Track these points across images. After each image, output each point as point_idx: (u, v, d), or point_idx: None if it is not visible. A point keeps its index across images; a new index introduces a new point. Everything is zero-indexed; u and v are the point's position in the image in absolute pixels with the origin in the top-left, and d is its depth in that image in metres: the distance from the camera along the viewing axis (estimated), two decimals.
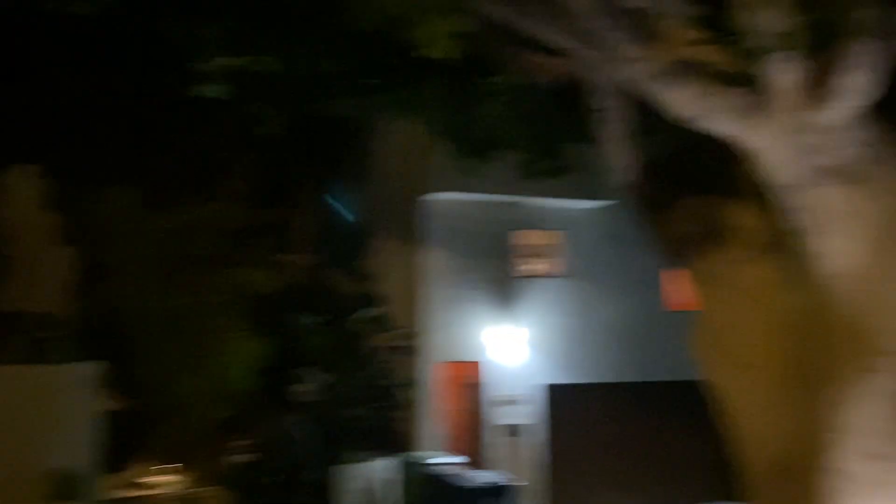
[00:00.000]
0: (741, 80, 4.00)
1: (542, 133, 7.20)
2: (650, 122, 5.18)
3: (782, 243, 4.35)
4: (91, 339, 9.77)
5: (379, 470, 11.02)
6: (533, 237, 13.69)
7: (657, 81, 4.12)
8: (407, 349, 12.87)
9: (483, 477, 11.14)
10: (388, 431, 12.14)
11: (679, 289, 12.62)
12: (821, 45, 3.78)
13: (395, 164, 13.82)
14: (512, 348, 12.63)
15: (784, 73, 3.80)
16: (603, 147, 5.42)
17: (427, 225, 13.11)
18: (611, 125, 5.20)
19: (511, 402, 12.57)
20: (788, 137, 3.91)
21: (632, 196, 5.54)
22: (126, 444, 10.42)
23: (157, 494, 10.08)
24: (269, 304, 11.45)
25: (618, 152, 5.30)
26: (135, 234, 10.79)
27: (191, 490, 10.09)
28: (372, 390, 12.40)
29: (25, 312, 9.44)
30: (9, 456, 7.57)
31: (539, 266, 13.72)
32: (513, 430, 12.56)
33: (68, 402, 8.40)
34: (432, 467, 11.05)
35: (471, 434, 13.04)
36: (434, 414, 12.71)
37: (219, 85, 6.49)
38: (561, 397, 12.86)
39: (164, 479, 10.24)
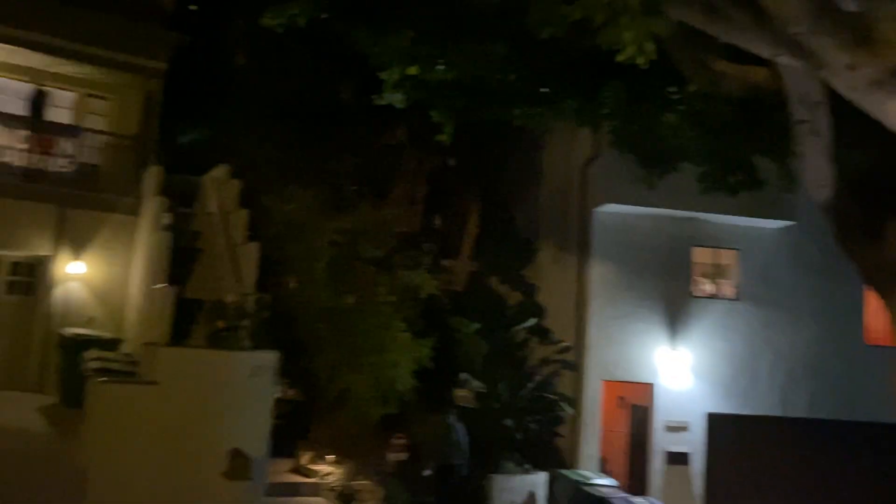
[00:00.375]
0: None
1: (725, 146, 6.81)
2: (852, 135, 4.74)
3: None
4: (268, 331, 10.42)
5: (533, 482, 10.91)
6: (706, 256, 13.03)
7: (876, 90, 3.72)
8: (569, 364, 12.65)
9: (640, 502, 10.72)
10: (545, 445, 11.99)
11: (878, 321, 11.49)
12: None
13: (566, 173, 13.65)
14: (679, 372, 12.08)
15: None
16: (799, 162, 5.01)
17: (596, 237, 12.84)
18: (810, 138, 4.79)
19: (678, 428, 12.01)
20: None
21: (828, 216, 5.07)
22: (293, 432, 11.06)
23: (319, 483, 10.55)
24: (431, 308, 11.70)
25: (815, 168, 4.87)
26: (312, 232, 11.41)
27: (350, 482, 10.47)
28: (530, 402, 12.30)
29: (213, 301, 10.22)
30: (195, 433, 8.22)
31: (710, 287, 13.04)
32: (677, 458, 11.99)
33: (248, 387, 8.99)
34: (588, 486, 10.77)
35: (631, 457, 12.60)
36: (593, 432, 12.40)
37: (399, 93, 6.72)
38: (721, 427, 12.13)
39: (326, 469, 10.70)
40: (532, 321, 13.06)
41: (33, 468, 8.08)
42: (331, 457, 10.84)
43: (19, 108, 13.39)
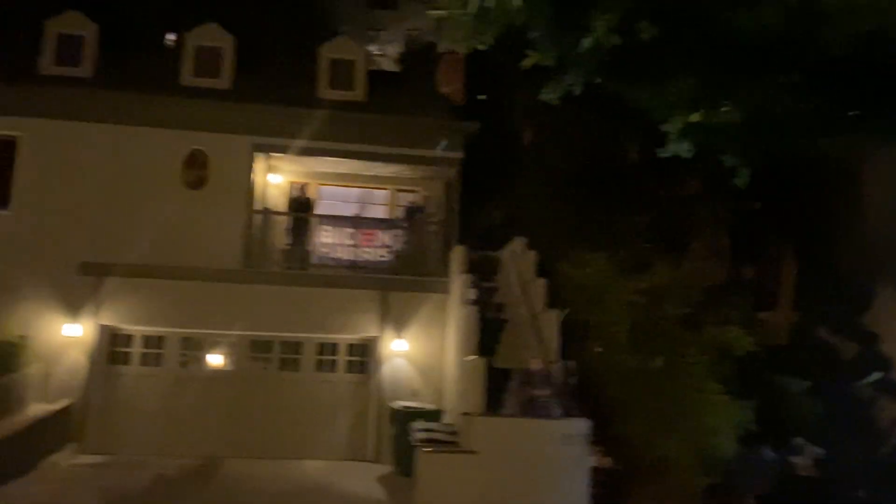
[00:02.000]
0: None
1: None
2: None
3: None
4: (576, 397, 10.36)
5: None
6: None
7: None
8: None
9: None
10: None
11: None
12: None
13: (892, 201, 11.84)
14: None
15: None
16: None
17: None
18: None
19: None
20: None
21: None
22: (608, 501, 10.71)
23: None
24: (749, 366, 10.71)
25: None
26: (610, 295, 11.25)
27: None
28: (880, 469, 10.51)
29: (521, 370, 10.48)
30: (515, 501, 8.37)
31: None
32: None
33: (562, 455, 8.98)
34: None
35: None
36: None
37: (685, 143, 6.43)
38: None
39: None
40: (877, 375, 11.28)
41: None
42: None
43: (345, 210, 15.52)
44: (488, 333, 11.47)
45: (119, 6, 17.45)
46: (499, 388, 10.48)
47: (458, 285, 12.30)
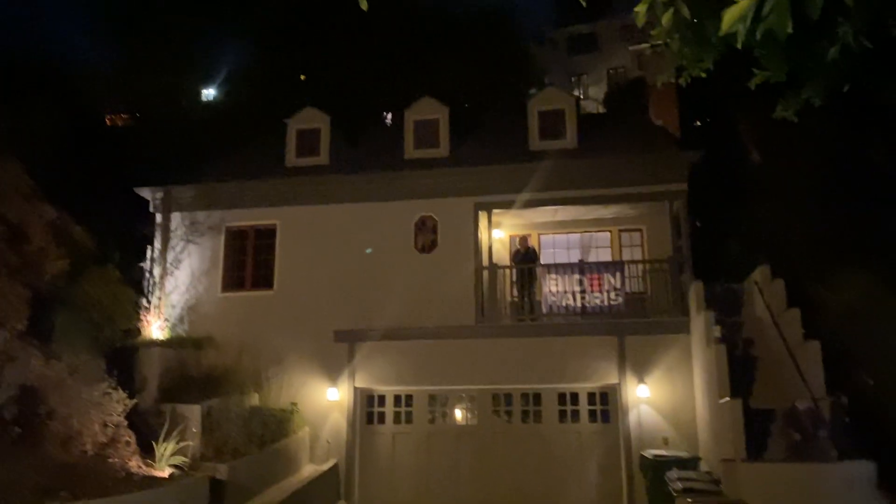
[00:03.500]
0: None
1: None
2: None
3: None
4: (852, 436, 9.24)
5: None
6: None
7: None
8: None
9: None
10: None
11: None
12: None
13: None
14: None
15: None
16: None
17: None
18: None
19: None
20: None
21: None
22: None
23: None
24: None
25: None
26: (882, 318, 10.00)
27: None
28: None
29: (784, 409, 9.60)
30: None
31: None
32: None
33: (844, 501, 8.02)
34: None
35: None
36: None
37: None
38: None
39: None
40: None
41: None
42: None
43: (568, 257, 15.49)
44: (740, 372, 10.69)
45: (345, 94, 19.33)
46: (758, 430, 9.67)
47: (701, 323, 11.65)
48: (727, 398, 9.96)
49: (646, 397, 12.85)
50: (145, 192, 15.68)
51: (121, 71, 24.25)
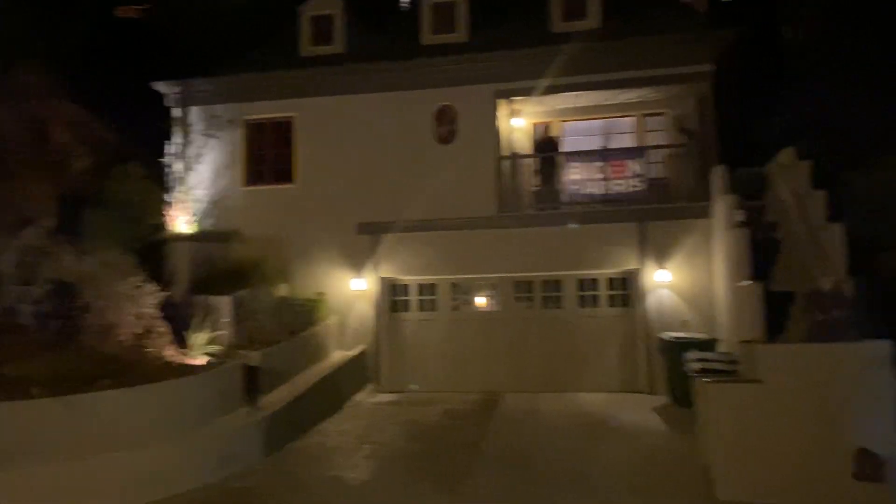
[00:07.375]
0: None
1: None
2: None
3: None
4: (872, 318, 9.30)
5: None
6: None
7: None
8: None
9: None
10: None
11: None
12: None
13: None
14: None
15: None
16: None
17: None
18: None
19: None
20: None
21: None
22: None
23: None
24: None
25: None
26: None
27: None
28: None
29: (806, 292, 9.64)
30: (810, 432, 7.83)
31: None
32: None
33: (862, 381, 8.17)
34: None
35: None
36: None
37: None
38: None
39: None
40: None
41: (665, 463, 8.86)
42: None
43: (590, 144, 15.24)
44: (761, 256, 10.67)
45: None
46: (778, 313, 9.76)
47: (722, 207, 11.56)
48: (748, 281, 10.01)
49: (666, 281, 12.98)
50: (161, 87, 15.50)
51: None
